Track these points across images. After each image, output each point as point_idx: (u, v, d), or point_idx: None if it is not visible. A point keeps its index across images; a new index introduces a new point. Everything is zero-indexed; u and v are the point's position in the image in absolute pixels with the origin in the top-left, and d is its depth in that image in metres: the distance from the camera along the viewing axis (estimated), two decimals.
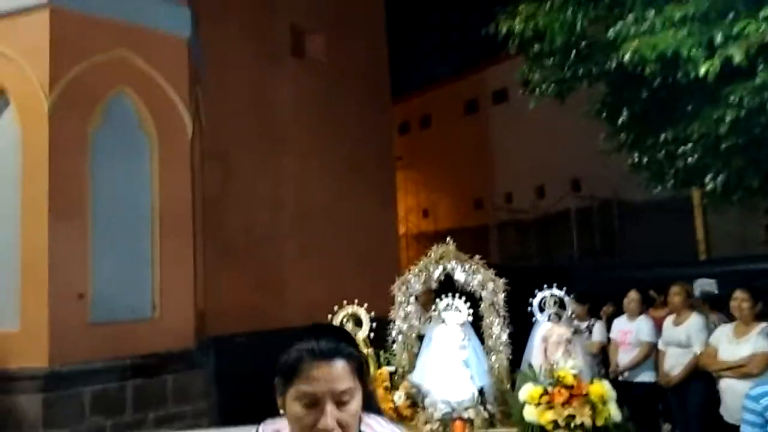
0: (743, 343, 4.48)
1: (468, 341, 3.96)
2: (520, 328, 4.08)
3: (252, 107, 8.77)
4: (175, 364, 5.90)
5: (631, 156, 6.78)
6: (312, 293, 7.82)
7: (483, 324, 4.09)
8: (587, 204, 15.91)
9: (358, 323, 4.22)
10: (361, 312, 4.22)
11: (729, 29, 4.33)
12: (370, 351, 4.16)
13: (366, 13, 10.61)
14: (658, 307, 6.21)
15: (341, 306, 4.29)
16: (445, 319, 4.04)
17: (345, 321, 4.19)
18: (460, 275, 4.20)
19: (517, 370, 3.95)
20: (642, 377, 5.57)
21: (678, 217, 12.35)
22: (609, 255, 15.09)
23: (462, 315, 4.01)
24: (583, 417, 3.37)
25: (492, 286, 4.08)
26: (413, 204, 20.17)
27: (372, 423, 1.42)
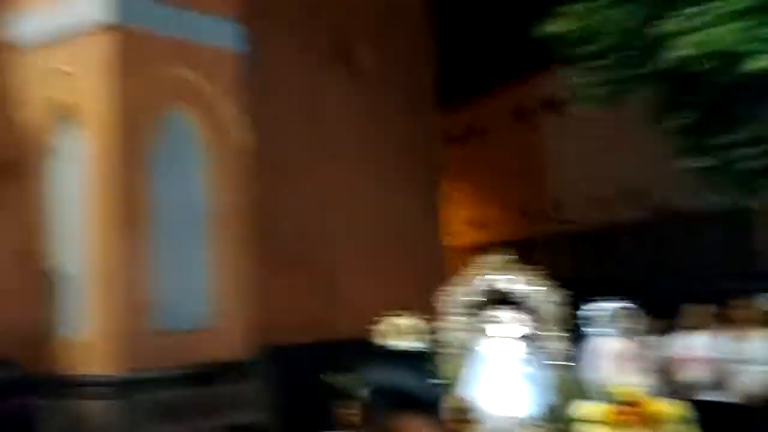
0: None
1: (528, 355, 3.90)
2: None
3: (301, 115, 8.93)
4: (233, 373, 6.03)
5: (688, 162, 6.58)
6: (365, 302, 7.86)
7: (538, 337, 4.01)
8: (641, 214, 15.50)
9: (414, 333, 4.21)
10: (419, 323, 4.21)
11: None
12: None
13: (413, 22, 10.68)
14: (723, 321, 5.98)
15: (393, 316, 4.30)
16: (501, 332, 4.00)
17: (403, 332, 4.19)
18: (513, 286, 4.15)
19: (578, 385, 3.86)
20: (713, 395, 5.27)
21: (736, 228, 11.90)
22: (663, 267, 14.66)
23: (521, 327, 3.95)
24: None
25: (549, 298, 4.02)
26: (462, 214, 20.06)
27: None
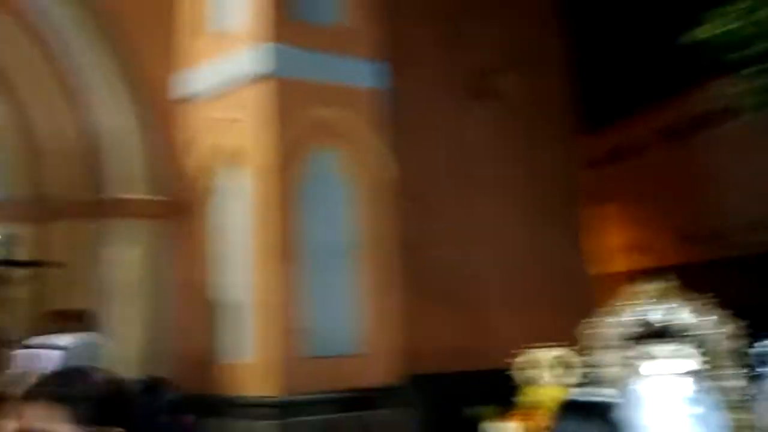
0: None
1: (696, 394, 3.57)
2: None
3: (443, 147, 9.08)
4: (382, 399, 6.21)
5: None
6: (509, 332, 7.75)
7: (708, 374, 3.68)
8: None
9: (561, 367, 4.09)
10: (569, 355, 4.09)
11: None
12: None
13: (553, 47, 10.53)
14: None
15: (539, 348, 4.20)
16: (661, 369, 3.73)
17: (553, 365, 4.09)
18: (674, 317, 3.87)
19: (756, 429, 3.49)
20: None
21: None
22: None
23: (689, 362, 3.65)
24: None
25: (720, 328, 3.69)
26: (613, 240, 19.02)
27: None
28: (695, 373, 3.56)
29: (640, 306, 3.93)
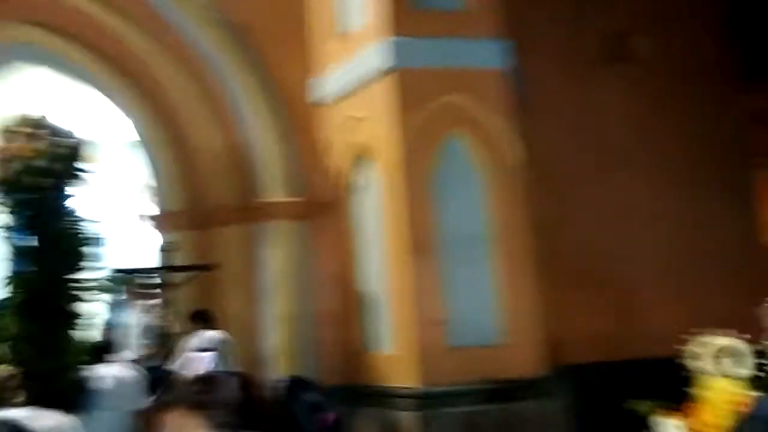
0: None
1: None
2: None
3: (578, 123, 8.58)
4: (528, 391, 6.00)
5: None
6: (667, 317, 7.15)
7: None
8: None
9: (732, 356, 3.62)
10: (740, 344, 3.61)
11: None
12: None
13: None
14: None
15: (705, 335, 3.76)
16: None
17: (719, 355, 3.64)
18: None
19: None
20: None
21: None
22: None
23: None
24: None
25: None
26: None
27: None
28: None
29: None
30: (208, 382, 1.48)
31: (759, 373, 3.50)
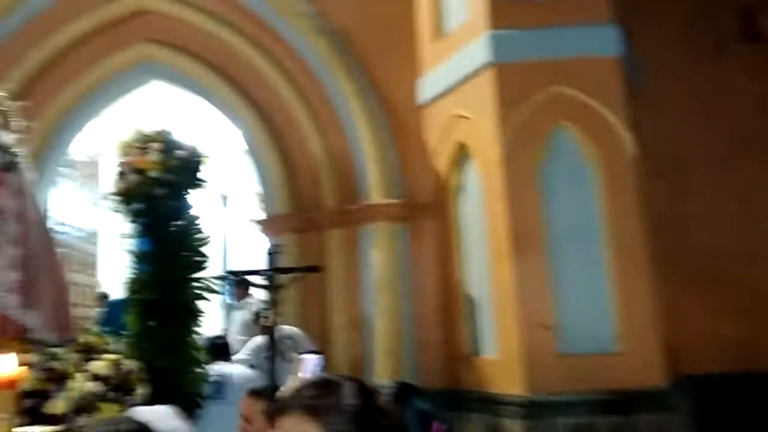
0: None
1: None
2: None
3: (700, 113, 7.86)
4: (646, 403, 5.52)
5: None
6: None
7: None
8: None
9: None
10: None
11: None
12: None
13: None
14: None
15: None
16: None
17: None
18: None
19: None
20: None
21: None
22: None
23: None
24: None
25: None
26: None
27: None
28: None
29: None
30: (324, 386, 1.23)
31: None
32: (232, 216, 9.76)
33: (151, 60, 8.11)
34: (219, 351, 5.67)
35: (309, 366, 5.68)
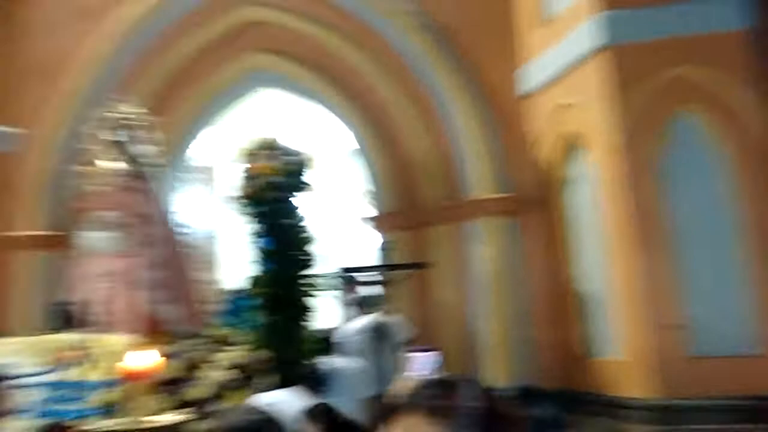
0: None
1: None
2: None
3: None
4: None
5: None
6: None
7: None
8: None
9: None
10: None
11: None
12: None
13: None
14: None
15: None
16: None
17: None
18: None
19: None
20: None
21: None
22: None
23: None
24: None
25: None
26: None
27: None
28: None
29: None
30: (446, 386, 1.19)
31: None
32: (343, 215, 9.96)
33: (261, 68, 8.43)
34: (330, 346, 5.81)
35: (421, 364, 5.66)
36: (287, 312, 5.59)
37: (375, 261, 6.95)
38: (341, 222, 9.69)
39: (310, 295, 5.86)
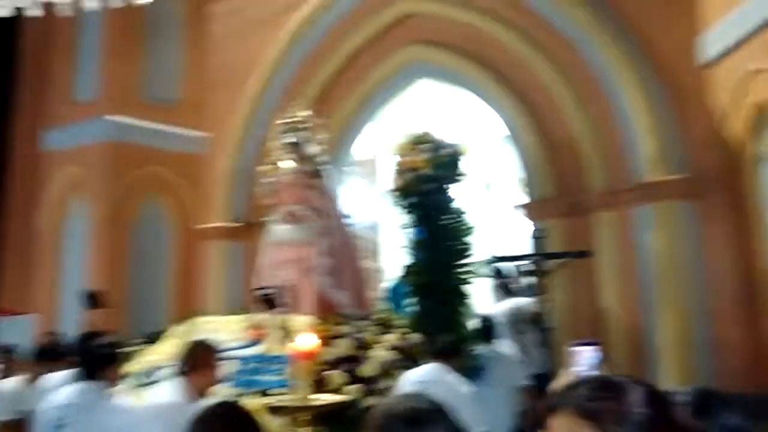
0: None
1: None
2: None
3: None
4: None
5: None
6: None
7: None
8: None
9: None
10: None
11: None
12: None
13: None
14: None
15: None
16: None
17: None
18: None
19: None
20: None
21: None
22: None
23: None
24: None
25: None
26: None
27: None
28: None
29: None
30: (606, 386, 1.08)
31: None
32: (495, 203, 10.01)
33: (416, 60, 8.69)
34: (486, 333, 5.96)
35: (584, 359, 5.65)
36: (440, 298, 5.85)
37: (527, 249, 6.94)
38: (494, 210, 9.76)
39: (463, 283, 6.06)
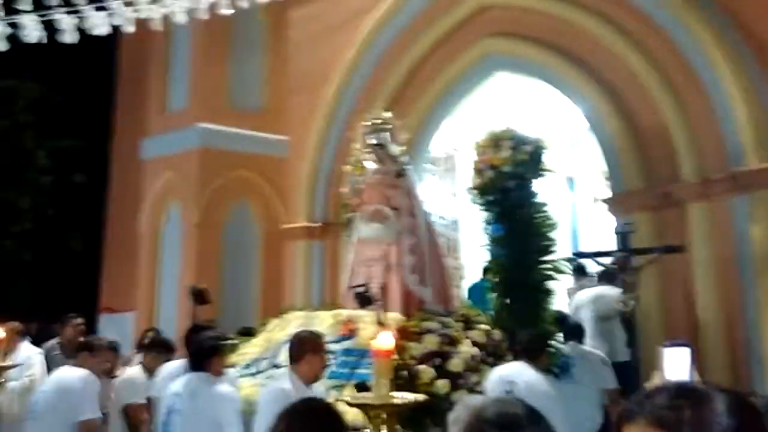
0: None
1: None
2: None
3: None
4: None
5: None
6: None
7: None
8: None
9: None
10: None
11: None
12: None
13: None
14: None
15: None
16: None
17: None
18: None
19: None
20: None
21: None
22: None
23: None
24: None
25: None
26: None
27: None
28: None
29: None
30: (686, 394, 1.02)
31: None
32: (579, 197, 9.79)
33: (493, 53, 8.59)
34: (570, 331, 5.87)
35: (674, 360, 5.46)
36: (521, 295, 5.81)
37: (612, 245, 6.74)
38: (578, 205, 9.54)
39: (546, 279, 6.00)
